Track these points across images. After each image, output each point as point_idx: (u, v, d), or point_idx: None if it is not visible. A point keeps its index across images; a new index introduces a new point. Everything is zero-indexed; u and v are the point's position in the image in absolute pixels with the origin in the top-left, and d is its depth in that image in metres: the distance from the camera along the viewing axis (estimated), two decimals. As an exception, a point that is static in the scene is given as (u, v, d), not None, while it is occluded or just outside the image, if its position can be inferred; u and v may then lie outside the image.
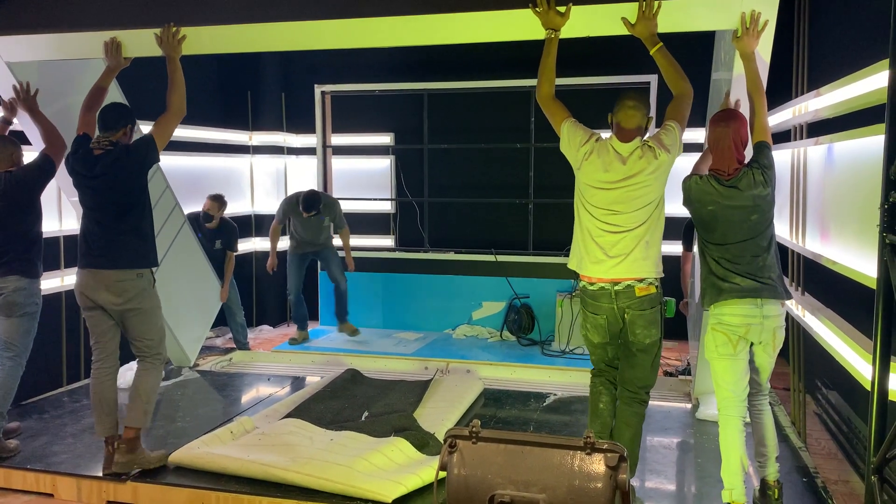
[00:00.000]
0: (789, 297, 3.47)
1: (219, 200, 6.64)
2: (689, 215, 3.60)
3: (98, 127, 4.06)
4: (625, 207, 3.45)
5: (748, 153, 3.48)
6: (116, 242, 3.96)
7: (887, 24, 2.90)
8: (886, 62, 2.93)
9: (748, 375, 3.48)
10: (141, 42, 4.30)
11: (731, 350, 3.39)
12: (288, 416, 4.60)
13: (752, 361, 3.52)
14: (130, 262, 3.98)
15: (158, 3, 4.51)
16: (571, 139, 3.56)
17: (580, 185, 3.59)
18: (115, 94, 5.21)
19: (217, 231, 6.62)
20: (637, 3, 3.57)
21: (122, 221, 3.97)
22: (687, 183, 3.48)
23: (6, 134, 4.59)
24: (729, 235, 3.39)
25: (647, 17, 3.55)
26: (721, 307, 3.42)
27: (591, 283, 3.57)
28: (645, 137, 3.50)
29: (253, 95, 8.17)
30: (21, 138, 4.66)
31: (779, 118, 5.44)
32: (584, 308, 3.68)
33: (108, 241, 3.95)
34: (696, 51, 5.23)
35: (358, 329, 7.34)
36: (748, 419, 3.52)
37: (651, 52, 3.59)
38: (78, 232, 4.06)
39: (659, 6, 3.55)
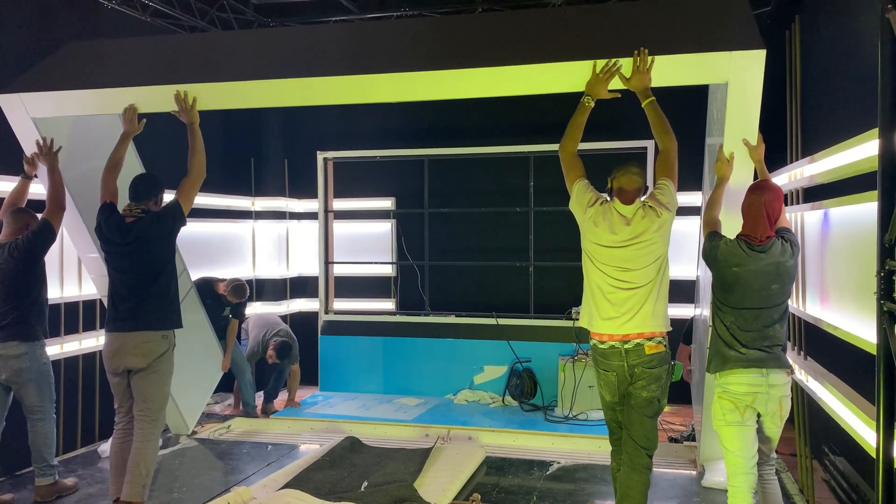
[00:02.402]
0: (791, 369, 3.47)
1: (238, 295, 6.61)
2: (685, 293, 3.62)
3: (129, 196, 4.27)
4: (635, 265, 3.54)
5: None
6: (144, 304, 4.13)
7: (877, 89, 2.96)
8: (876, 131, 2.98)
9: (757, 443, 3.44)
10: (160, 98, 4.51)
11: (739, 417, 3.38)
12: (286, 485, 4.53)
13: (759, 431, 3.48)
14: (157, 324, 4.15)
15: (175, 63, 4.79)
16: (580, 199, 3.67)
17: (588, 245, 3.68)
18: (133, 161, 5.40)
19: (227, 300, 6.62)
20: (632, 59, 3.77)
21: (151, 285, 4.15)
22: (715, 242, 3.53)
23: (28, 189, 4.80)
24: (746, 300, 3.42)
25: (641, 71, 3.75)
26: (726, 376, 3.44)
27: (602, 342, 3.63)
28: (642, 198, 3.62)
29: (256, 162, 8.29)
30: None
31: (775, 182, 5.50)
32: (595, 366, 3.74)
33: (136, 304, 4.13)
34: (690, 112, 5.34)
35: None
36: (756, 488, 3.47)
37: (643, 105, 3.76)
38: (79, 298, 4.13)
39: (653, 61, 3.74)
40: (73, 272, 5.67)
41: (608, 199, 3.67)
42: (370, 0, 6.97)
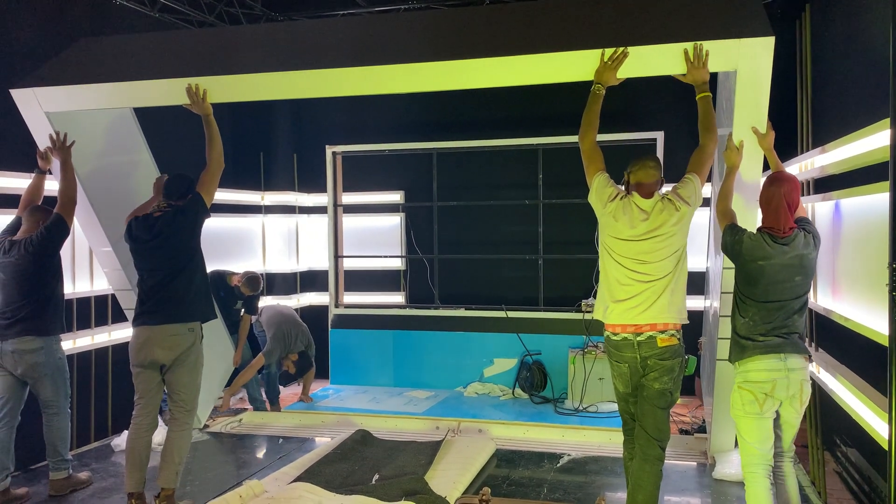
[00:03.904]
0: (809, 355, 3.47)
1: (252, 287, 6.61)
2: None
3: (163, 195, 4.38)
4: (652, 257, 3.56)
5: None
6: (170, 298, 4.20)
7: (888, 79, 2.93)
8: (888, 121, 2.96)
9: (773, 435, 3.46)
10: (171, 91, 4.57)
11: (758, 409, 3.39)
12: (297, 479, 4.55)
13: (779, 420, 3.48)
14: (183, 316, 4.22)
15: (186, 56, 4.82)
16: (600, 193, 3.68)
17: (606, 239, 3.69)
18: (146, 160, 5.44)
19: (241, 293, 6.65)
20: (684, 58, 3.82)
21: (176, 277, 4.21)
22: (738, 237, 3.51)
23: (43, 185, 4.84)
24: (770, 293, 3.43)
25: (696, 66, 3.79)
26: (746, 364, 3.45)
27: (615, 334, 3.65)
28: (662, 191, 3.65)
29: (265, 156, 8.31)
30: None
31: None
32: (609, 357, 3.77)
33: (162, 297, 4.20)
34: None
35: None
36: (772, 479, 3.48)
37: (696, 97, 3.80)
38: (91, 293, 4.18)
39: (707, 55, 3.76)
40: (85, 268, 5.71)
41: (626, 192, 3.68)
42: (378, -7, 6.97)
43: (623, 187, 3.73)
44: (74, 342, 5.56)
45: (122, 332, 5.95)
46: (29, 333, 4.42)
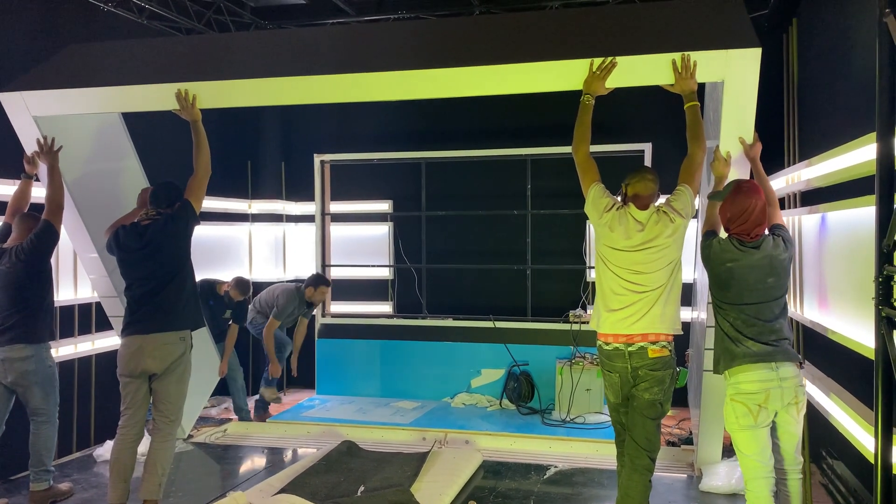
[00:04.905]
0: (801, 363, 3.47)
1: (242, 290, 6.59)
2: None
3: (149, 203, 4.34)
4: (647, 268, 3.59)
5: None
6: (162, 306, 4.16)
7: (874, 92, 2.95)
8: (874, 135, 2.97)
9: (770, 443, 3.43)
10: (160, 96, 4.55)
11: (752, 421, 3.36)
12: (282, 490, 4.50)
13: (776, 431, 3.45)
14: (174, 325, 4.18)
15: (175, 62, 4.82)
16: (596, 204, 3.71)
17: (602, 248, 3.72)
18: (135, 167, 5.40)
19: (230, 301, 6.60)
20: (672, 65, 3.84)
21: (167, 286, 4.18)
22: (708, 241, 3.56)
23: (30, 190, 4.80)
24: (745, 296, 3.43)
25: (684, 77, 3.82)
26: (736, 375, 3.42)
27: (607, 343, 3.68)
28: (656, 203, 3.68)
29: (253, 165, 8.27)
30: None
31: (773, 186, 5.49)
32: (601, 367, 3.80)
33: (153, 306, 4.16)
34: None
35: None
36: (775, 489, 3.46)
37: (685, 107, 3.84)
38: (75, 301, 4.13)
39: (696, 65, 3.78)
40: (69, 275, 5.66)
41: (622, 203, 3.70)
42: (367, 3, 6.96)
43: (619, 198, 3.75)
44: (57, 350, 5.48)
45: (105, 341, 5.89)
46: (19, 341, 4.37)
